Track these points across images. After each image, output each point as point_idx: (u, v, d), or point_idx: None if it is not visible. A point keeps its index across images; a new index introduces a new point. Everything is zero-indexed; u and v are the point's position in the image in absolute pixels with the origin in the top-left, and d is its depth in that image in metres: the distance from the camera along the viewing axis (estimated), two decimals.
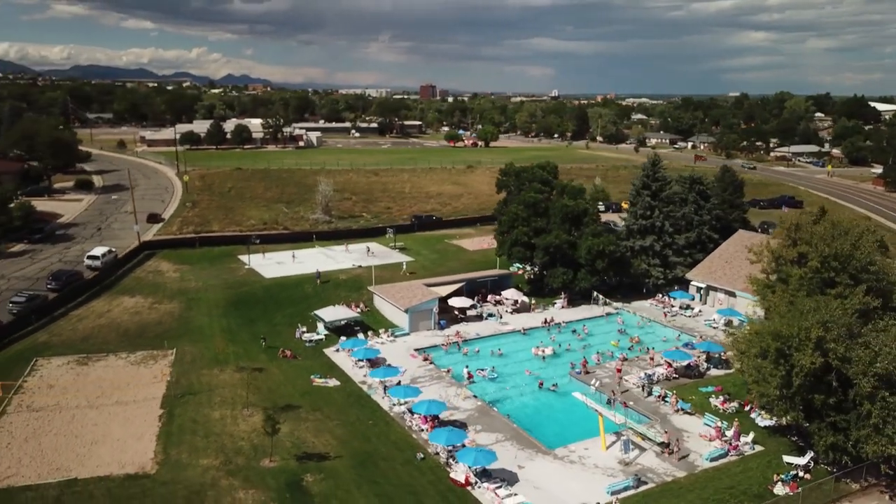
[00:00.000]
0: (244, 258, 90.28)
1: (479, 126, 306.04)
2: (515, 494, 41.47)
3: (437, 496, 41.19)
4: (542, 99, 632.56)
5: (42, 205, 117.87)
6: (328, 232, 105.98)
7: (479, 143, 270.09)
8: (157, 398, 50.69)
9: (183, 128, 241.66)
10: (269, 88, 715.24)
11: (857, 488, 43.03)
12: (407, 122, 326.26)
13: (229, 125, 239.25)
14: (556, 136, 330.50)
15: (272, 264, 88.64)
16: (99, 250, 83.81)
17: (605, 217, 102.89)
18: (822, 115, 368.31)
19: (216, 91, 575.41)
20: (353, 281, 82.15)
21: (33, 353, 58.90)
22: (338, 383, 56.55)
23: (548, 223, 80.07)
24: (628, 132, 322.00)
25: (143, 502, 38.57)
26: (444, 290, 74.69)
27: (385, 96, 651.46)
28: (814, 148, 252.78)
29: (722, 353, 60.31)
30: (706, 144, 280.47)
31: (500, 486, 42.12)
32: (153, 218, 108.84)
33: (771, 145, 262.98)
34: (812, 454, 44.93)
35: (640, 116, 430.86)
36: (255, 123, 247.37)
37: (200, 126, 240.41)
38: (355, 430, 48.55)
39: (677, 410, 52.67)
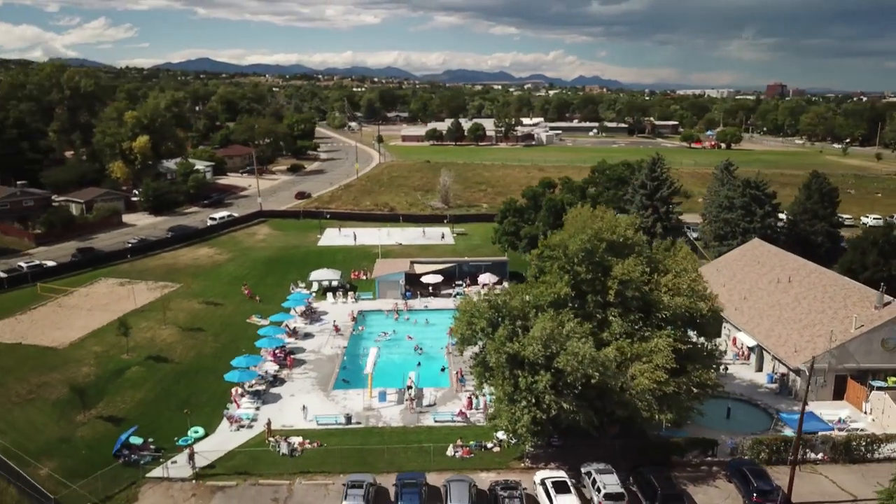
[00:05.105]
0: (338, 230, 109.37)
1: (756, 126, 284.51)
2: (257, 409, 52.29)
3: (203, 400, 53.68)
4: None
5: (245, 181, 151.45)
6: (417, 215, 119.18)
7: (721, 144, 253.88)
8: (124, 310, 70.86)
9: (432, 126, 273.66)
10: (604, 90, 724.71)
11: (524, 466, 44.73)
12: (659, 122, 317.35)
13: (467, 124, 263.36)
14: (846, 139, 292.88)
15: (339, 237, 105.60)
16: (219, 214, 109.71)
17: None
18: None
19: (554, 92, 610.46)
20: (382, 254, 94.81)
21: (106, 275, 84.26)
22: (266, 323, 70.93)
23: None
24: None
25: (36, 361, 58.35)
26: (423, 269, 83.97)
27: (726, 97, 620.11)
28: None
29: None
30: None
31: (253, 402, 53.22)
32: (300, 195, 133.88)
33: None
34: None
35: None
36: (489, 123, 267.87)
37: (445, 124, 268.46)
38: (221, 352, 62.57)
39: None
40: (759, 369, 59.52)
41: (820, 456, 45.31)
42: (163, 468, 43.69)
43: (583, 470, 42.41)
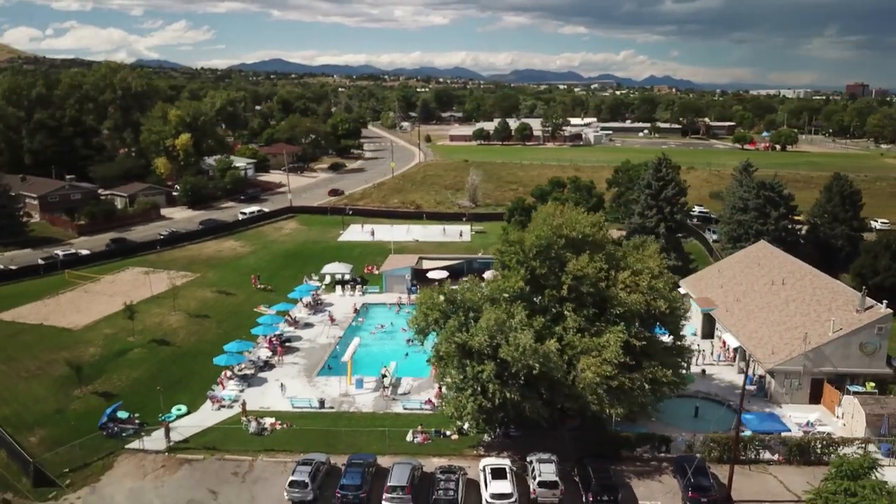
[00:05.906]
0: (361, 226, 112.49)
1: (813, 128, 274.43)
2: (241, 391, 55.40)
3: (193, 382, 56.95)
4: None
5: (284, 178, 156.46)
6: (441, 213, 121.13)
7: (776, 146, 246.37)
8: (139, 297, 75.30)
9: (479, 125, 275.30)
10: (674, 90, 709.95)
11: (477, 454, 46.20)
12: (715, 123, 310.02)
13: (515, 124, 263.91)
14: None
15: (361, 232, 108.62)
16: (249, 209, 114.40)
17: None
18: None
19: (620, 93, 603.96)
20: (397, 250, 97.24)
21: (135, 264, 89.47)
22: (272, 312, 74.29)
23: None
24: None
25: (51, 340, 63.11)
26: (430, 264, 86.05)
27: (802, 97, 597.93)
28: None
29: None
30: None
31: (239, 384, 56.36)
32: (333, 192, 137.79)
33: None
34: None
35: None
36: (536, 123, 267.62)
37: (493, 124, 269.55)
38: (222, 338, 65.58)
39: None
40: (742, 371, 59.00)
41: (775, 457, 45.13)
42: (139, 441, 47.07)
43: (528, 459, 43.63)
